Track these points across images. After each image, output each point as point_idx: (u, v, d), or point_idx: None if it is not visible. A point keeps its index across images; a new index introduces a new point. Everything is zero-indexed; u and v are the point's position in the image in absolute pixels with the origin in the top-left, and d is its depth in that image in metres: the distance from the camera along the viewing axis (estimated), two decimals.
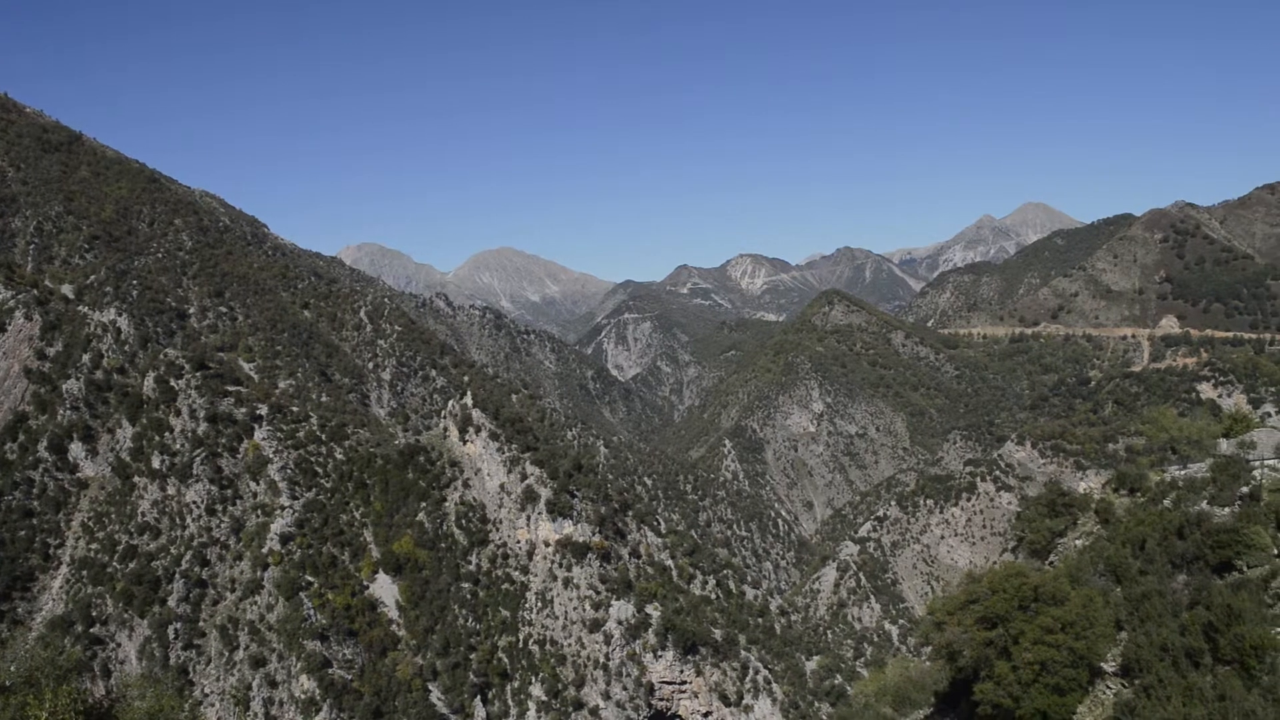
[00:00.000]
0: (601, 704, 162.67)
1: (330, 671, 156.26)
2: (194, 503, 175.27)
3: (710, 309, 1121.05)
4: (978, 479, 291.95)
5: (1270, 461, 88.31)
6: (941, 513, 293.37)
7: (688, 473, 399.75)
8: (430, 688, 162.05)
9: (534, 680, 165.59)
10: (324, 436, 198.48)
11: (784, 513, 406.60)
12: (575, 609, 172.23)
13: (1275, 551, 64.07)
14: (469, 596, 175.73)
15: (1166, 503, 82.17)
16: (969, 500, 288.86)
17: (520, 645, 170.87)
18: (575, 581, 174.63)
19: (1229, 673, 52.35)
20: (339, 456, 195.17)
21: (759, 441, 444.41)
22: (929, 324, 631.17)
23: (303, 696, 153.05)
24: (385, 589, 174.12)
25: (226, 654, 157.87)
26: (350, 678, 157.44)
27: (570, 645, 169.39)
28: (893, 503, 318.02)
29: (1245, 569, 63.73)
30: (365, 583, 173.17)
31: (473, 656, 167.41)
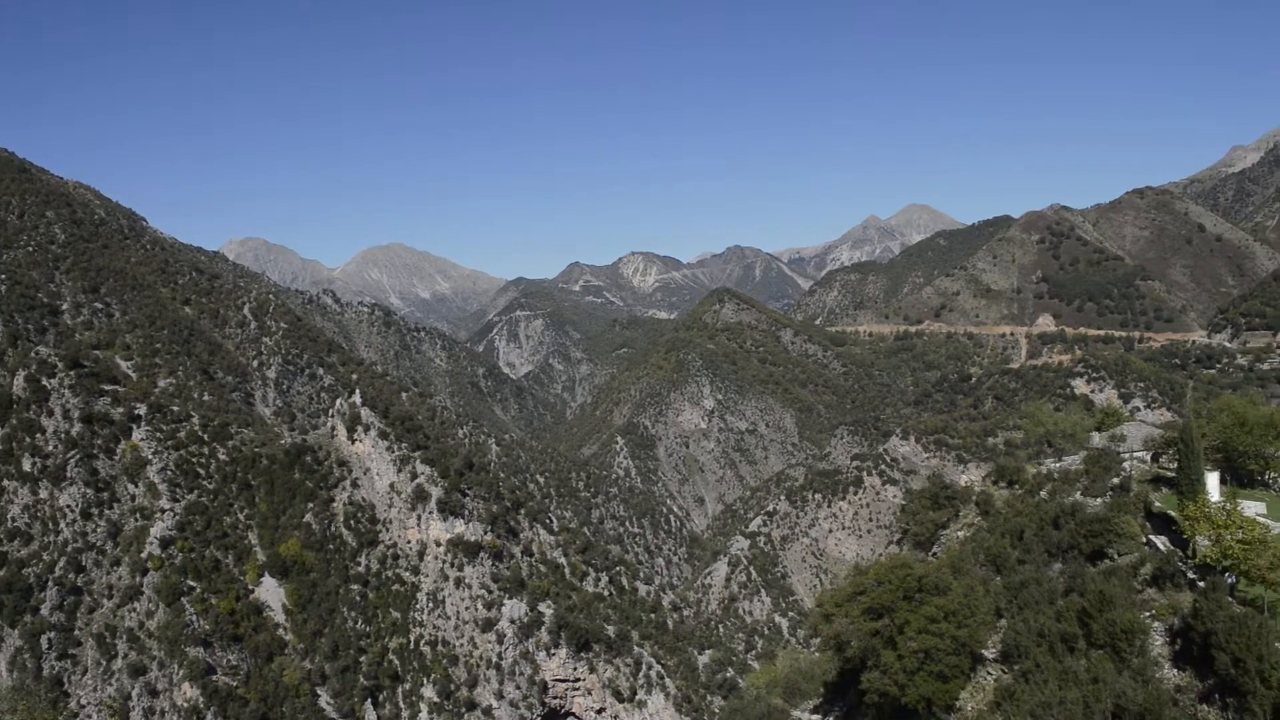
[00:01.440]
0: (495, 704, 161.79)
1: (214, 678, 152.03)
2: (68, 506, 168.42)
3: (602, 306, 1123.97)
4: (864, 473, 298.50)
5: (1139, 454, 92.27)
6: (829, 506, 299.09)
7: (580, 470, 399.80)
8: (319, 692, 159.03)
9: (426, 681, 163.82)
10: (206, 436, 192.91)
11: (676, 509, 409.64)
12: (467, 609, 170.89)
13: (1144, 539, 66.98)
14: (358, 598, 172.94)
15: (1043, 494, 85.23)
16: (856, 494, 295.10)
17: (412, 646, 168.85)
18: (467, 581, 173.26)
19: (1102, 656, 54.58)
20: (222, 457, 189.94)
21: (651, 438, 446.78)
22: (817, 322, 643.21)
23: (185, 705, 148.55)
24: (271, 592, 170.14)
25: (104, 663, 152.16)
26: (235, 684, 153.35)
27: (463, 645, 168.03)
28: (782, 497, 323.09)
29: (1116, 556, 66.51)
30: (250, 586, 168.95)
31: (363, 659, 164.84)
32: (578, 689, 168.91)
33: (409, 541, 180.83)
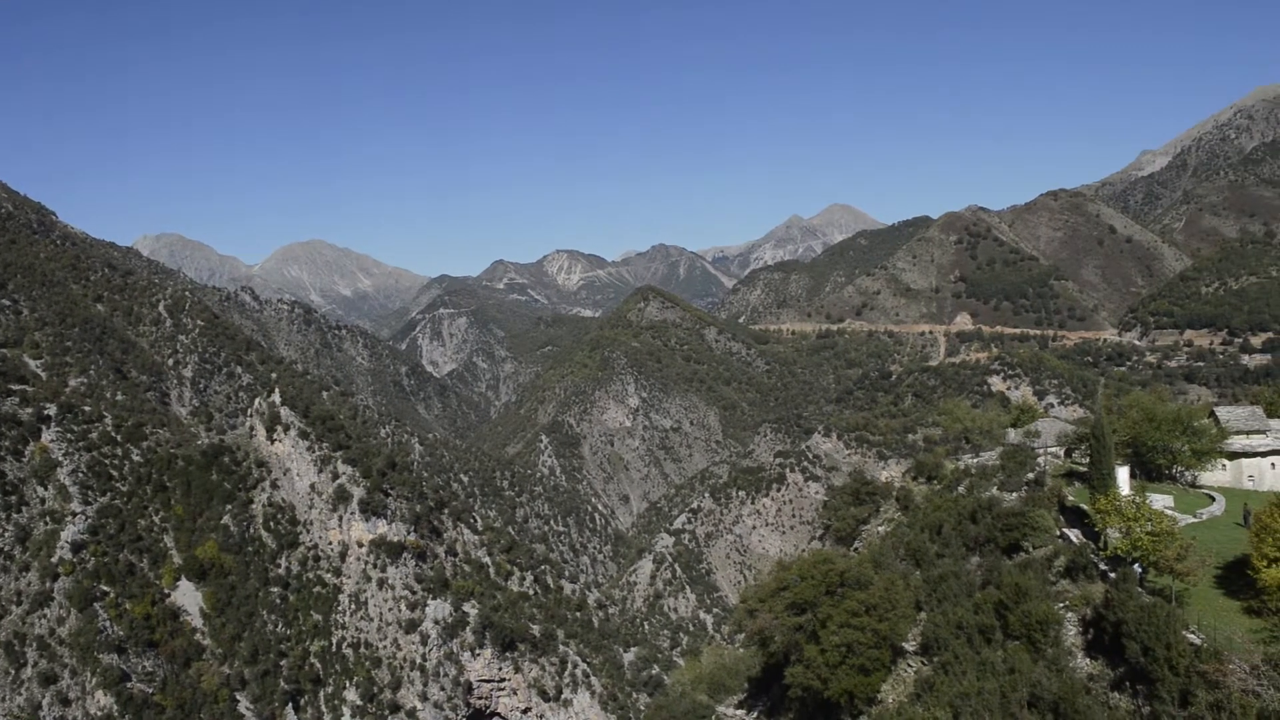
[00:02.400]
0: (419, 705, 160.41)
1: (129, 686, 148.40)
2: None
3: (527, 304, 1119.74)
4: (787, 470, 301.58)
5: (1053, 449, 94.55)
6: (753, 503, 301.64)
7: (504, 469, 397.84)
8: (238, 697, 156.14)
9: (348, 684, 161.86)
10: (119, 437, 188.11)
11: (601, 507, 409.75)
12: (390, 610, 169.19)
13: (1058, 533, 68.69)
14: (279, 601, 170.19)
15: (961, 489, 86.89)
16: (779, 490, 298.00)
17: (333, 649, 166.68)
18: (390, 582, 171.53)
19: (1018, 647, 55.90)
20: (136, 458, 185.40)
21: (576, 437, 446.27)
22: (741, 320, 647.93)
23: (99, 713, 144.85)
24: (188, 596, 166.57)
25: (13, 672, 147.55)
26: (151, 691, 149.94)
27: (386, 647, 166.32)
28: (706, 494, 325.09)
29: (1031, 549, 68.10)
30: (166, 591, 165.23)
31: (283, 663, 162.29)
32: (503, 689, 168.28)
33: (330, 543, 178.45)
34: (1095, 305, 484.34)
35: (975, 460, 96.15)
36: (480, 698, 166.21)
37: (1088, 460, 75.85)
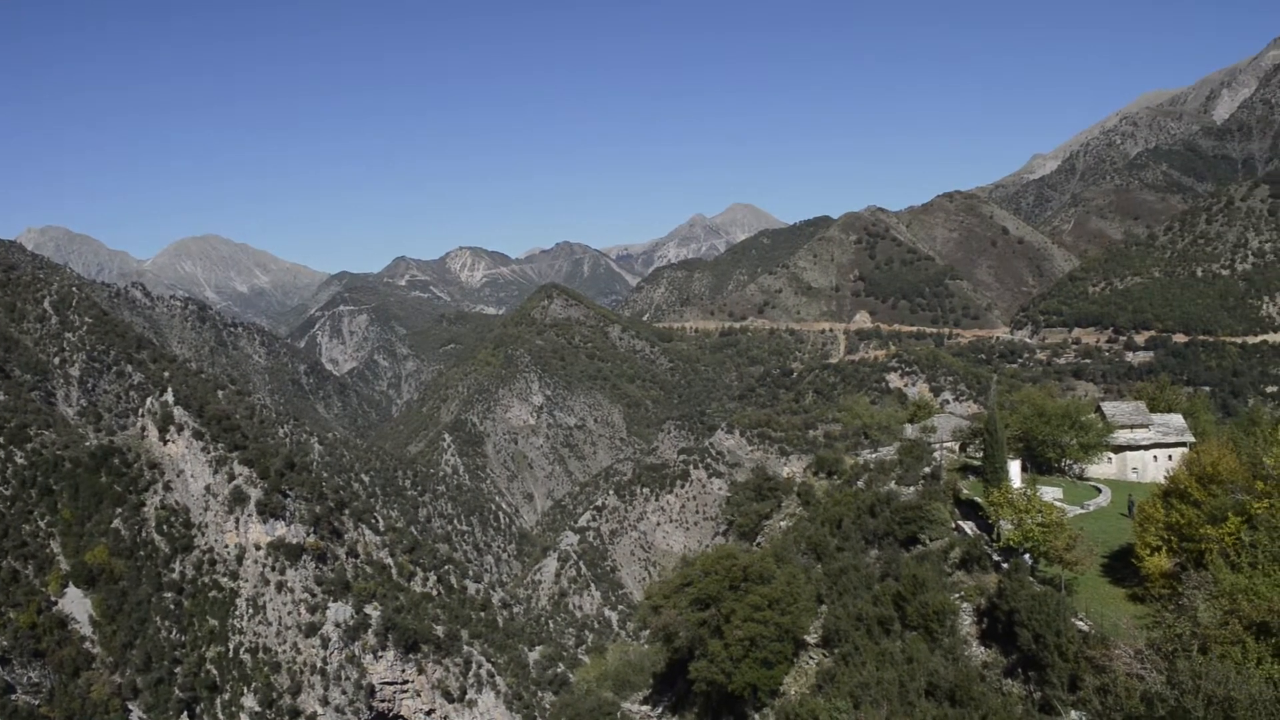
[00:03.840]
0: (320, 710, 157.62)
1: (13, 698, 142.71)
2: None
3: (429, 302, 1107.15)
4: (691, 466, 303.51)
5: (948, 444, 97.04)
6: (657, 500, 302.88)
7: (407, 468, 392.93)
8: (130, 707, 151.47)
9: (246, 691, 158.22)
10: (2, 439, 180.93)
11: (505, 505, 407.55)
12: (290, 613, 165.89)
13: (953, 525, 70.54)
14: (173, 607, 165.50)
15: (860, 484, 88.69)
16: (683, 487, 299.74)
17: (231, 655, 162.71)
18: (289, 585, 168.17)
19: (916, 637, 57.30)
20: (20, 461, 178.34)
21: (479, 435, 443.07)
22: (645, 318, 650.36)
23: None
24: (77, 604, 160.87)
25: None
26: (38, 703, 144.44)
27: (285, 651, 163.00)
28: (611, 492, 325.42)
29: (928, 542, 69.85)
30: (53, 598, 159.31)
31: (178, 670, 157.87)
32: (406, 691, 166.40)
33: (226, 545, 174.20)
34: (989, 304, 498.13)
35: (874, 455, 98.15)
36: (383, 700, 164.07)
37: (982, 454, 78.07)
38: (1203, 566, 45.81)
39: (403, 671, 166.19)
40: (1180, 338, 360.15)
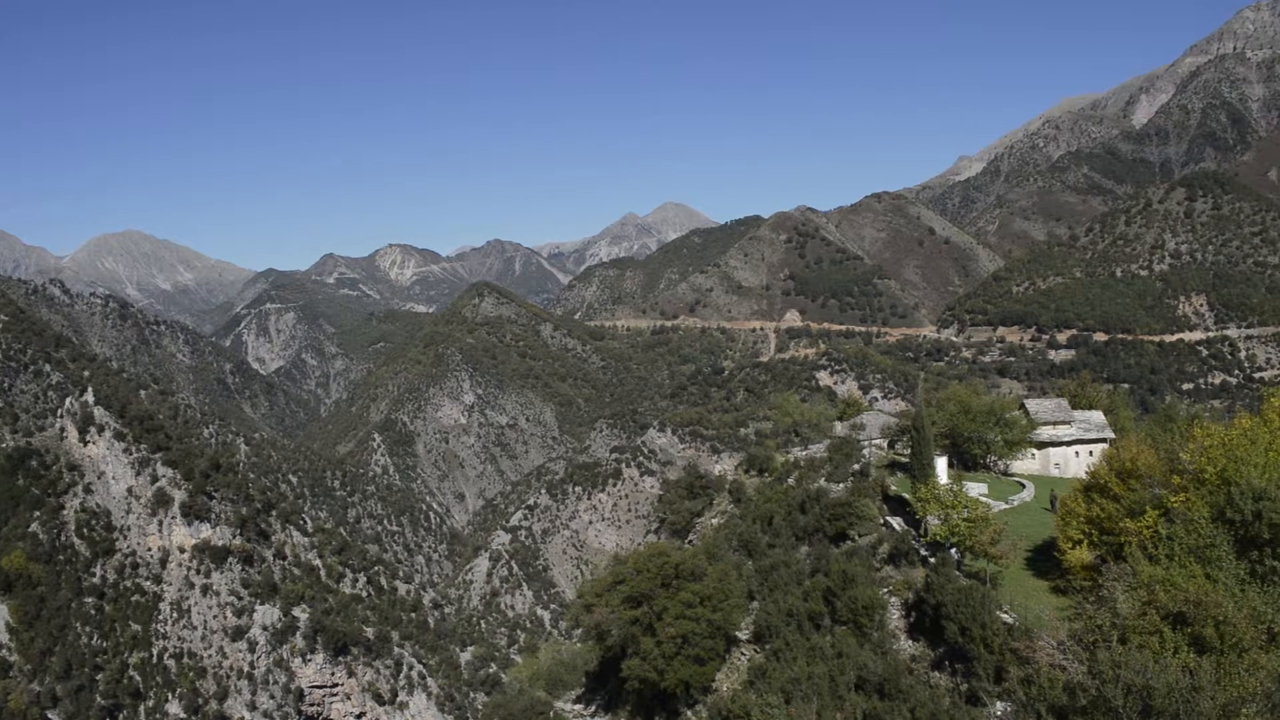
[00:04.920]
0: (247, 715, 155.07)
1: None
2: None
3: (358, 300, 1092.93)
4: (623, 465, 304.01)
5: (877, 441, 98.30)
6: (589, 498, 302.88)
7: (335, 468, 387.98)
8: (50, 716, 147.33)
9: (171, 697, 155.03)
10: None
11: (436, 505, 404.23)
12: (216, 617, 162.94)
13: (881, 521, 71.52)
14: (93, 612, 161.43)
15: (791, 481, 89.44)
16: (615, 485, 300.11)
17: (155, 660, 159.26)
18: (215, 588, 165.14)
19: (845, 631, 58.04)
20: None
21: (409, 435, 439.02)
22: (577, 316, 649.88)
23: None
24: None
25: None
26: None
27: (211, 656, 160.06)
28: (543, 491, 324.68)
29: (857, 538, 70.72)
30: None
31: (99, 677, 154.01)
32: (336, 694, 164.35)
33: (150, 549, 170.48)
34: (916, 303, 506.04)
35: (804, 453, 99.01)
36: (312, 704, 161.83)
37: (909, 451, 79.26)
38: (1122, 559, 46.97)
39: (332, 674, 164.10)
40: (1100, 336, 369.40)
